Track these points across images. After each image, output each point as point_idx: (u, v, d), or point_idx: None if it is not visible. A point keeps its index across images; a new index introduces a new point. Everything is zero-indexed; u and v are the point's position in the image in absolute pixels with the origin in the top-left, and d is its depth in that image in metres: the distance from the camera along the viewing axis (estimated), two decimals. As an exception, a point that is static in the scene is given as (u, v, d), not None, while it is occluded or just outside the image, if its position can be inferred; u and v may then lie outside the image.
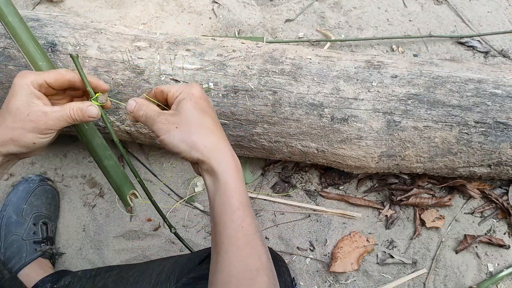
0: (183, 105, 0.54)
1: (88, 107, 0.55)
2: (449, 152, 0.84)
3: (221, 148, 0.53)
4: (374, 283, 0.96)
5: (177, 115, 0.53)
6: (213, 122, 0.54)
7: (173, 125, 0.53)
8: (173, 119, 0.53)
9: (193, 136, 0.52)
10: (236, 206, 0.51)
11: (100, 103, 0.58)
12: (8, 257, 0.89)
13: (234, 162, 0.53)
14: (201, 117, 0.53)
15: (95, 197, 1.02)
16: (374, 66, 0.85)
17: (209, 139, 0.53)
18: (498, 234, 0.99)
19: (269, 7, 1.26)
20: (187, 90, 0.55)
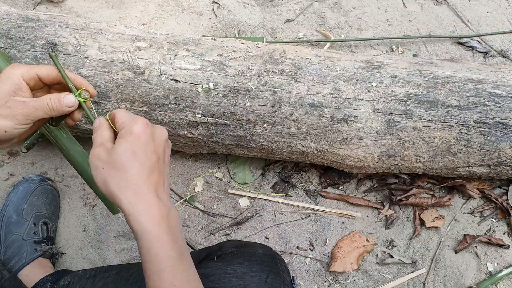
0: (117, 146, 0.49)
1: (65, 96, 0.54)
2: (448, 152, 0.85)
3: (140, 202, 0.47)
4: (374, 282, 0.96)
5: (108, 155, 0.49)
6: (139, 170, 0.48)
7: (101, 164, 0.49)
8: (104, 157, 0.49)
9: (112, 186, 0.48)
10: (165, 263, 0.47)
11: (83, 98, 0.56)
12: (9, 257, 0.89)
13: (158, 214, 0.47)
14: (128, 163, 0.48)
15: (95, 197, 1.02)
16: (373, 66, 0.85)
17: (127, 193, 0.47)
18: (497, 234, 0.99)
19: (269, 7, 1.26)
20: (128, 127, 0.50)
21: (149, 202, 0.48)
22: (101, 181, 0.48)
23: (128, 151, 0.48)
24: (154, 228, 0.47)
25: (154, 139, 0.51)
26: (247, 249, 0.73)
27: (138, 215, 0.47)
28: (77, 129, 0.91)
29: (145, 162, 0.49)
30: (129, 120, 0.51)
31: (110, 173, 0.48)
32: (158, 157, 0.51)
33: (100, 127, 0.53)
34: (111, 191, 0.48)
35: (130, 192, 0.47)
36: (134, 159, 0.48)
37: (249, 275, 0.66)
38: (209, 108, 0.84)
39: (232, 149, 0.92)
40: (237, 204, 1.02)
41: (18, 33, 0.83)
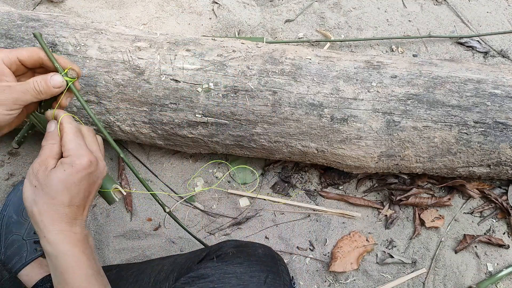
0: (55, 172, 0.51)
1: (51, 76, 0.53)
2: (448, 152, 0.85)
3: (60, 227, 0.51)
4: (374, 282, 0.96)
5: (44, 177, 0.51)
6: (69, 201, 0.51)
7: (36, 182, 0.51)
8: (40, 177, 0.51)
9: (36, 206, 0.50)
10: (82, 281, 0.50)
11: (70, 77, 0.55)
12: (9, 257, 0.89)
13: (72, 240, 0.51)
14: (60, 192, 0.50)
15: (96, 197, 1.02)
16: (373, 66, 0.85)
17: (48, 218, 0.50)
18: (497, 234, 0.99)
19: (269, 7, 1.26)
20: (71, 159, 0.52)
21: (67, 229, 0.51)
22: (27, 198, 0.51)
23: (63, 183, 0.50)
24: (70, 249, 0.50)
25: (90, 178, 0.53)
26: (247, 249, 0.73)
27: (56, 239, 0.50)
28: (77, 129, 0.91)
29: (74, 197, 0.52)
30: (75, 150, 0.52)
31: (39, 193, 0.50)
32: (88, 194, 0.54)
33: (53, 136, 0.54)
34: (33, 211, 0.50)
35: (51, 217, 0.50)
36: (65, 192, 0.51)
37: (248, 275, 0.66)
38: (209, 108, 0.84)
39: (232, 149, 0.92)
40: (237, 204, 1.03)
41: (18, 33, 0.83)
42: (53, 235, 0.50)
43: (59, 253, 0.50)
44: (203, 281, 0.65)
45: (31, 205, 0.51)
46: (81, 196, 0.53)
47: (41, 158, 0.53)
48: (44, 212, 0.50)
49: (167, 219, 1.01)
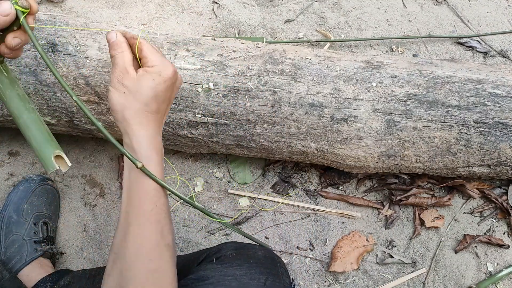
0: (144, 79, 0.54)
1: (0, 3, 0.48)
2: (448, 152, 0.85)
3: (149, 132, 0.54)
4: (374, 282, 0.96)
5: (132, 83, 0.54)
6: (156, 108, 0.55)
7: (123, 89, 0.54)
8: (128, 84, 0.53)
9: (128, 112, 0.53)
10: (153, 187, 0.54)
11: (21, 6, 0.48)
12: (9, 257, 0.89)
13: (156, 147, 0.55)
14: (149, 99, 0.54)
15: (96, 197, 1.03)
16: (373, 66, 0.85)
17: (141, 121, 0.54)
18: (497, 234, 0.99)
19: (269, 7, 1.26)
20: (159, 68, 0.55)
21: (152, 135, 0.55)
22: (118, 104, 0.53)
23: (153, 90, 0.54)
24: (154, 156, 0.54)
25: (174, 88, 0.57)
26: (247, 251, 0.72)
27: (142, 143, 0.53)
28: (77, 129, 0.91)
29: (160, 105, 0.55)
30: (160, 61, 0.55)
31: (129, 100, 0.53)
32: (169, 103, 0.58)
33: (119, 45, 0.56)
34: (125, 115, 0.53)
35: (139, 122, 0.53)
36: (154, 99, 0.54)
37: (248, 277, 0.66)
38: (209, 108, 0.84)
39: (232, 149, 0.92)
40: (237, 204, 1.03)
41: (18, 33, 0.83)
42: (140, 139, 0.53)
43: (143, 158, 0.53)
44: (203, 283, 0.64)
45: (122, 110, 0.53)
46: (166, 104, 0.57)
47: (119, 66, 0.54)
48: (133, 116, 0.53)
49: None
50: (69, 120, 0.88)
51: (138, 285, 0.51)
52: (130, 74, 0.54)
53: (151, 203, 0.54)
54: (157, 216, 0.54)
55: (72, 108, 0.85)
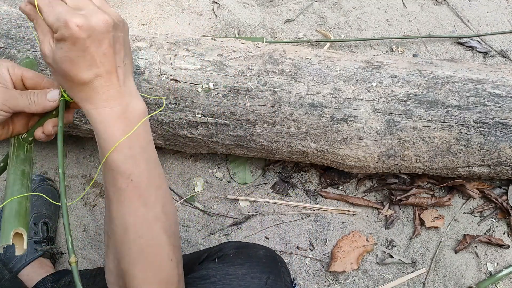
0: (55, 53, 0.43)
1: (50, 90, 0.50)
2: (448, 152, 0.85)
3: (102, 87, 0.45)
4: (374, 282, 0.96)
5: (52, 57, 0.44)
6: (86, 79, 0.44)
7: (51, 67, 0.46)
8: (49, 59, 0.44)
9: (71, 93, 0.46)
10: (122, 158, 0.46)
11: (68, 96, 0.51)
12: (9, 257, 0.89)
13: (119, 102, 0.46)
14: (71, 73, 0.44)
15: (96, 197, 1.03)
16: (373, 66, 0.85)
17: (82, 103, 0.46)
18: (497, 234, 0.99)
19: (269, 7, 1.26)
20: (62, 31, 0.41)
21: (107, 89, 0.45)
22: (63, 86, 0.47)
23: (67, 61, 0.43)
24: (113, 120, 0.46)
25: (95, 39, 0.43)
26: (248, 250, 0.73)
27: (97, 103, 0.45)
28: (77, 129, 0.91)
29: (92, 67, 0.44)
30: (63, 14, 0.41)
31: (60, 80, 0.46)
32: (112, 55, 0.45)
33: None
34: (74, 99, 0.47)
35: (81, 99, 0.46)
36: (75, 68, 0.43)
37: (249, 276, 0.66)
38: (209, 108, 0.84)
39: (232, 149, 0.92)
40: (237, 204, 1.03)
41: (18, 33, 0.83)
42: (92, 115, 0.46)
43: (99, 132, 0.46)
44: (204, 282, 0.65)
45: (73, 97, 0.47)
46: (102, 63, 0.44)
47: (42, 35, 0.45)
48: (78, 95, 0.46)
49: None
50: (69, 120, 0.88)
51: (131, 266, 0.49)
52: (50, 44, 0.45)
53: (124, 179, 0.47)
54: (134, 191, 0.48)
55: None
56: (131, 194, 0.48)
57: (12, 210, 0.51)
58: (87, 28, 0.41)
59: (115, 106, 0.46)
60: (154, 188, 0.50)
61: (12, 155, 0.56)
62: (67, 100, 0.52)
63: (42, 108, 0.50)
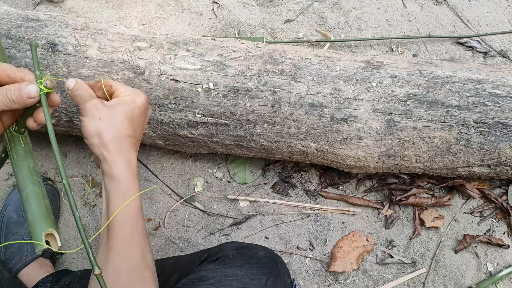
0: (120, 106, 0.56)
1: (26, 85, 0.50)
2: (448, 152, 0.85)
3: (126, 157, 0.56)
4: (374, 282, 0.96)
5: (108, 109, 0.55)
6: (133, 132, 0.57)
7: (99, 114, 0.55)
8: (103, 110, 0.55)
9: (107, 135, 0.54)
10: (133, 210, 0.55)
11: (45, 86, 0.51)
12: (9, 257, 0.89)
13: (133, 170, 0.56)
14: (125, 124, 0.56)
15: (96, 197, 1.03)
16: (373, 66, 0.85)
17: (119, 145, 0.55)
18: (497, 234, 0.99)
19: (269, 7, 1.26)
20: (132, 96, 0.58)
21: (130, 158, 0.56)
22: (94, 130, 0.54)
23: (128, 115, 0.56)
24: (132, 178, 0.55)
25: (146, 114, 0.61)
26: (248, 251, 0.73)
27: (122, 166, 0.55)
28: (77, 129, 0.91)
29: (136, 130, 0.58)
30: (132, 91, 0.59)
31: (106, 125, 0.54)
32: (143, 128, 0.60)
33: (81, 86, 0.58)
34: (103, 140, 0.54)
35: (118, 147, 0.55)
36: (131, 124, 0.56)
37: (249, 277, 0.66)
38: (209, 108, 0.84)
39: (232, 149, 0.92)
40: (237, 204, 1.03)
41: (18, 33, 0.83)
42: (120, 162, 0.54)
43: (123, 180, 0.54)
44: (204, 283, 0.65)
45: (99, 135, 0.54)
46: (140, 129, 0.59)
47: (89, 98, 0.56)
48: (112, 141, 0.54)
49: (167, 219, 1.01)
50: (69, 120, 0.88)
51: None
52: (103, 102, 0.56)
53: (131, 226, 0.55)
54: (137, 238, 0.55)
55: (72, 108, 0.85)
56: (133, 241, 0.55)
57: (35, 214, 0.51)
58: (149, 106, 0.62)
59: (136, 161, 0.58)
60: (148, 240, 0.58)
61: (11, 151, 0.55)
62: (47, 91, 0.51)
63: (23, 105, 0.50)
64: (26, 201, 0.53)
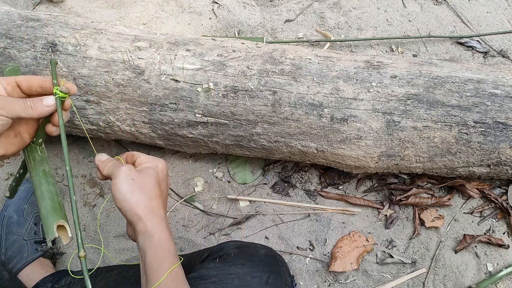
0: (147, 170, 0.61)
1: (45, 97, 0.56)
2: (448, 152, 0.85)
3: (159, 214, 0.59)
4: (374, 282, 0.96)
5: (138, 174, 0.60)
6: (160, 193, 0.61)
7: (131, 176, 0.59)
8: (134, 174, 0.59)
9: (140, 194, 0.58)
10: (166, 257, 0.56)
11: (61, 91, 0.57)
12: (9, 257, 0.89)
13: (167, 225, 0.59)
14: (155, 185, 0.60)
15: (96, 197, 1.03)
16: (373, 66, 0.85)
17: (151, 203, 0.58)
18: (497, 234, 1.00)
19: (269, 7, 1.26)
20: (154, 162, 0.63)
21: (163, 217, 0.59)
22: (128, 189, 0.58)
23: (156, 178, 0.61)
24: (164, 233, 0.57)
25: (167, 178, 0.65)
26: (249, 249, 0.73)
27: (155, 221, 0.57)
28: (77, 129, 0.91)
29: (163, 191, 0.62)
30: (152, 158, 0.64)
31: (138, 185, 0.58)
32: (167, 190, 0.65)
33: (110, 160, 0.64)
34: (136, 199, 0.57)
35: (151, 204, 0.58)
36: (157, 186, 0.61)
37: (250, 275, 0.66)
38: (209, 108, 0.84)
39: (232, 149, 0.92)
40: (237, 204, 1.03)
41: (18, 33, 0.83)
42: (154, 219, 0.57)
43: (159, 238, 0.56)
44: (205, 281, 0.65)
45: (131, 196, 0.57)
46: (165, 192, 0.64)
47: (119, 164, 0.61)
48: (143, 200, 0.58)
49: (167, 219, 1.01)
50: (69, 120, 0.88)
51: None
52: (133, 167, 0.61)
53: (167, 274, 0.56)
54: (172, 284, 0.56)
55: (72, 108, 0.85)
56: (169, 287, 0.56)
57: (47, 208, 0.56)
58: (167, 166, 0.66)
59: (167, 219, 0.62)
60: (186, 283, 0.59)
61: (29, 159, 0.60)
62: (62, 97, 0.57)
63: (39, 112, 0.56)
64: (40, 197, 0.57)
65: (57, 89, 0.56)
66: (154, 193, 0.59)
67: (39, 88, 0.57)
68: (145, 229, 0.57)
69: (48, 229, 0.54)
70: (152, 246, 0.56)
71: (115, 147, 1.07)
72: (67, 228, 0.56)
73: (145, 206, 0.57)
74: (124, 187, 0.57)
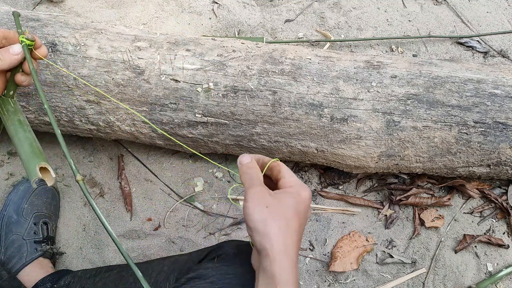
0: (286, 197, 0.53)
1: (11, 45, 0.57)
2: (448, 152, 0.85)
3: (290, 255, 0.50)
4: (374, 282, 0.96)
5: (273, 198, 0.52)
6: (298, 227, 0.52)
7: (265, 202, 0.51)
8: (270, 198, 0.51)
9: (273, 226, 0.50)
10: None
11: (27, 39, 0.58)
12: (9, 257, 0.89)
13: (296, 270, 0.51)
14: (292, 217, 0.51)
15: (96, 197, 1.03)
16: (373, 66, 0.85)
17: (284, 240, 0.50)
18: (497, 234, 1.00)
19: (269, 7, 1.26)
20: (298, 188, 0.54)
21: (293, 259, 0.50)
22: (260, 217, 0.50)
23: (295, 208, 0.52)
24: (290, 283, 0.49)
25: (308, 212, 0.55)
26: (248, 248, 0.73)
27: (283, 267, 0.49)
28: (77, 129, 0.91)
29: (301, 225, 0.53)
30: (298, 183, 0.55)
31: (272, 215, 0.50)
32: (304, 227, 0.54)
33: (254, 166, 0.56)
34: (267, 230, 0.49)
35: (284, 241, 0.49)
36: (296, 218, 0.51)
37: (249, 275, 0.66)
38: (209, 108, 0.84)
39: (232, 149, 0.92)
40: (237, 204, 1.03)
41: (18, 33, 0.83)
42: (284, 261, 0.49)
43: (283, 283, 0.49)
44: (204, 281, 0.65)
45: (263, 227, 0.50)
46: (303, 227, 0.53)
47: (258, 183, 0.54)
48: (276, 234, 0.49)
49: (167, 219, 1.01)
50: (69, 120, 0.88)
51: None
52: (269, 191, 0.53)
53: None
54: None
55: (72, 108, 0.85)
56: None
57: (27, 153, 0.56)
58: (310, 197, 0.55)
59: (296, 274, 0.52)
60: None
61: (3, 112, 0.61)
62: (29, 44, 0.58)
63: (8, 62, 0.56)
64: (18, 144, 0.57)
65: (23, 37, 0.57)
66: (290, 225, 0.51)
67: (4, 40, 0.57)
68: (270, 272, 0.49)
69: (31, 172, 0.54)
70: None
71: (115, 147, 1.07)
72: (50, 170, 0.54)
73: (277, 244, 0.49)
74: (256, 216, 0.50)
